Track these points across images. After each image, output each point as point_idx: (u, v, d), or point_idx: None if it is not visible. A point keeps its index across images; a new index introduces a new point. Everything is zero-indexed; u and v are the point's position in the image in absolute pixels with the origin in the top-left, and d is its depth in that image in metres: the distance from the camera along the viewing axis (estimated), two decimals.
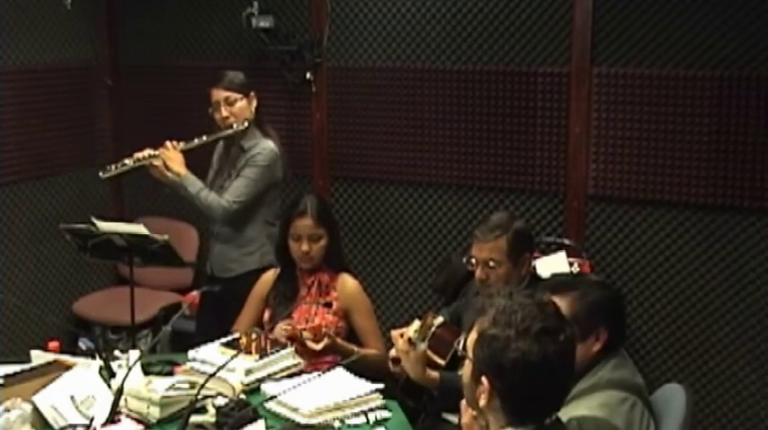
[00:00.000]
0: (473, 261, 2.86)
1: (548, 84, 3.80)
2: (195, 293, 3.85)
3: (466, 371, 1.81)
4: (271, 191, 3.61)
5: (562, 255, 3.65)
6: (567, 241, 3.81)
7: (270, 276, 3.25)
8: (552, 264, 3.53)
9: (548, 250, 3.76)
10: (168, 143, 3.56)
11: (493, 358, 1.71)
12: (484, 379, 1.73)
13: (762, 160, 3.43)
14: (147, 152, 3.54)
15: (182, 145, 3.58)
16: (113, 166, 3.55)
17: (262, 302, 3.21)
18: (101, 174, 3.57)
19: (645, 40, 3.59)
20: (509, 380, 1.70)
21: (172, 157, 3.52)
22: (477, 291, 2.98)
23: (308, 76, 4.29)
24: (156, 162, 3.51)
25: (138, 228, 3.34)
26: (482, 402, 1.74)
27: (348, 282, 3.15)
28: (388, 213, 4.27)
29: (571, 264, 3.62)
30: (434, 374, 2.66)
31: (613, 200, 3.75)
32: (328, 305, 3.06)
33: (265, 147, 3.56)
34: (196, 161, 3.66)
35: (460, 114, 4.00)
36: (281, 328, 2.95)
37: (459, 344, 2.16)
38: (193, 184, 3.52)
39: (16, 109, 4.31)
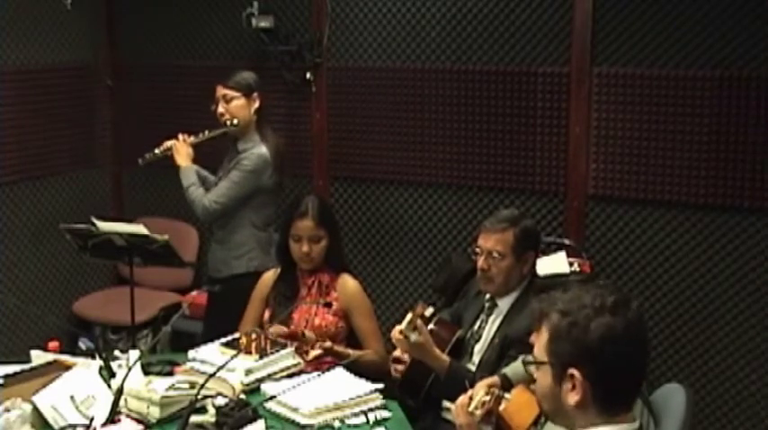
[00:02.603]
0: (477, 250, 2.86)
1: (548, 84, 3.80)
2: (195, 293, 3.86)
3: (542, 381, 1.73)
4: (257, 196, 3.59)
5: (562, 255, 3.64)
6: (567, 241, 3.81)
7: (270, 276, 3.24)
8: (552, 264, 3.52)
9: (548, 250, 3.75)
10: (180, 136, 3.66)
11: (577, 344, 1.64)
12: (573, 370, 1.65)
13: (762, 160, 3.43)
14: (169, 143, 3.65)
15: (192, 139, 3.67)
16: (147, 155, 3.66)
17: (262, 303, 3.21)
18: (139, 160, 3.67)
19: (645, 40, 3.59)
20: (599, 359, 1.63)
21: (179, 150, 3.63)
22: (478, 290, 2.98)
23: (308, 76, 4.29)
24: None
25: (138, 228, 3.35)
26: (574, 399, 1.66)
27: (348, 283, 3.15)
28: (388, 213, 4.26)
29: (571, 265, 3.61)
30: (444, 357, 2.67)
31: (613, 200, 3.75)
32: (328, 305, 3.05)
33: (254, 152, 3.55)
34: (210, 160, 3.74)
35: (460, 114, 4.00)
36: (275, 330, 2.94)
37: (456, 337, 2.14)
38: (187, 178, 3.57)
39: (16, 109, 4.30)
